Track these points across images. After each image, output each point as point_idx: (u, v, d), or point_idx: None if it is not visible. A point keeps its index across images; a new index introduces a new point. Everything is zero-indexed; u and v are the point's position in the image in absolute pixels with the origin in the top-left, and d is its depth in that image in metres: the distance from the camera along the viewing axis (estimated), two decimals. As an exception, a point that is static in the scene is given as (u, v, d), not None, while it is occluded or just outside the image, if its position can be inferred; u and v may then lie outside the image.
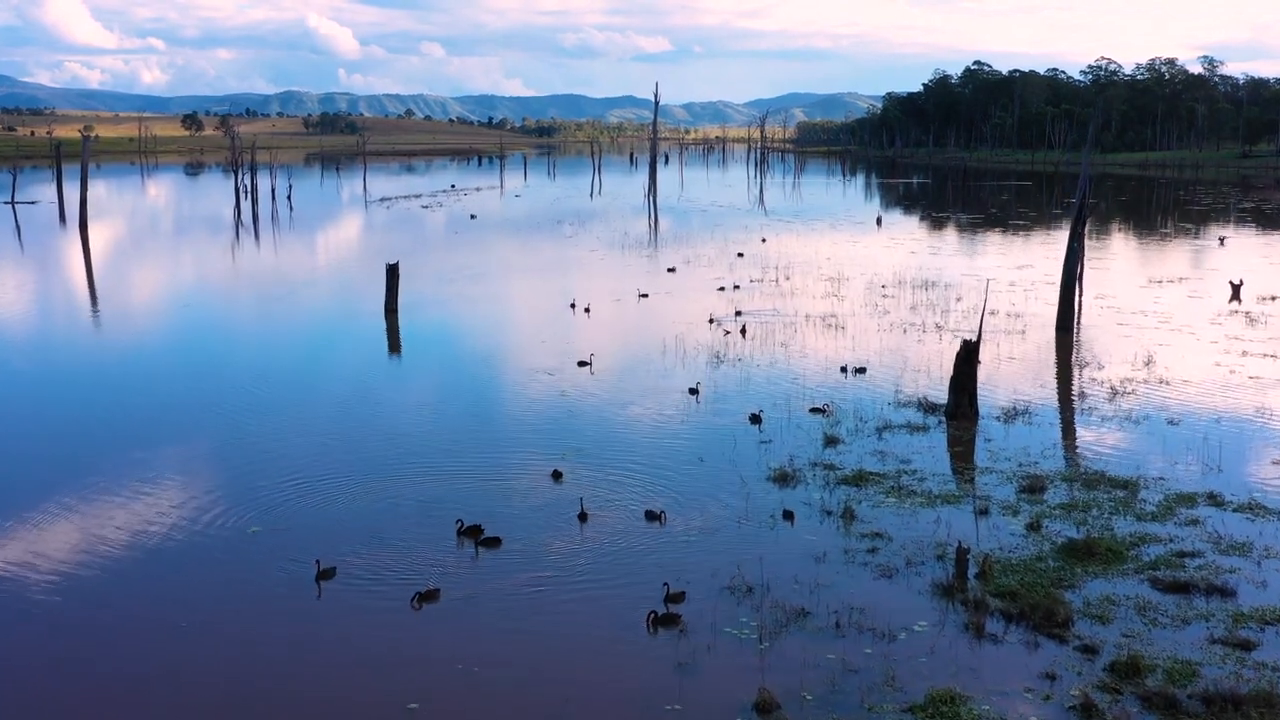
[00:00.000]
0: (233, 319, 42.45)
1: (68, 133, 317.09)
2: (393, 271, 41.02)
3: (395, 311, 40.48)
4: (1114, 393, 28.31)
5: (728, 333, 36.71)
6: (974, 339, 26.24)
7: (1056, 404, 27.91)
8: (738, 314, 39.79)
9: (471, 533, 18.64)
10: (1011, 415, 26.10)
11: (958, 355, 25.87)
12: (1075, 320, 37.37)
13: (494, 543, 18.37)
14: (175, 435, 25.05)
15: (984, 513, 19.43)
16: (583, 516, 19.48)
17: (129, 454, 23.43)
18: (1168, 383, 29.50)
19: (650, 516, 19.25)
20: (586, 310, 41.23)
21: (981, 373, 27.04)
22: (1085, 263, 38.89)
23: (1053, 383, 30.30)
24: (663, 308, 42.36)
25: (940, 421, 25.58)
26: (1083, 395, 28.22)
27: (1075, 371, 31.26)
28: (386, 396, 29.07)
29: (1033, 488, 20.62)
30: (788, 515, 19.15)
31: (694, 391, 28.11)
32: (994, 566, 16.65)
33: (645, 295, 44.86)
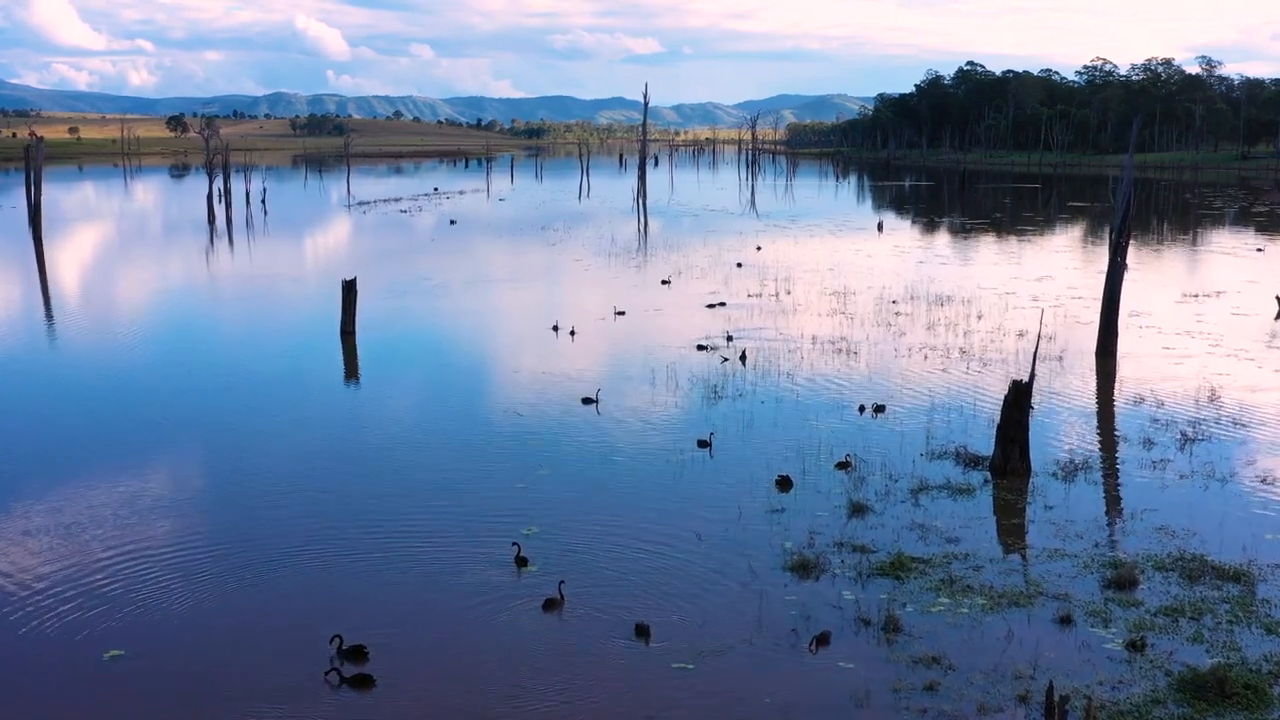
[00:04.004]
0: (176, 336, 37.80)
1: (51, 134, 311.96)
2: (349, 288, 36.36)
3: (353, 333, 35.95)
4: (1184, 439, 23.93)
5: (725, 360, 32.33)
6: (1025, 379, 21.90)
7: (1119, 454, 23.40)
8: (730, 339, 35.28)
9: (354, 656, 13.82)
10: (1070, 470, 21.71)
11: (1006, 399, 21.55)
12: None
13: (365, 683, 13.28)
14: (51, 488, 20.25)
15: (1067, 621, 15.04)
16: (550, 605, 15.32)
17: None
18: (1243, 425, 25.17)
19: (640, 632, 14.71)
20: (572, 333, 36.71)
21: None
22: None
23: (1109, 425, 25.91)
24: (654, 328, 37.91)
25: (986, 479, 21.22)
26: (1148, 442, 23.79)
27: (1131, 409, 26.83)
28: (331, 443, 24.43)
29: (1121, 581, 16.21)
30: (823, 640, 14.45)
31: (704, 444, 23.43)
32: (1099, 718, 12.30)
33: (622, 313, 40.37)
